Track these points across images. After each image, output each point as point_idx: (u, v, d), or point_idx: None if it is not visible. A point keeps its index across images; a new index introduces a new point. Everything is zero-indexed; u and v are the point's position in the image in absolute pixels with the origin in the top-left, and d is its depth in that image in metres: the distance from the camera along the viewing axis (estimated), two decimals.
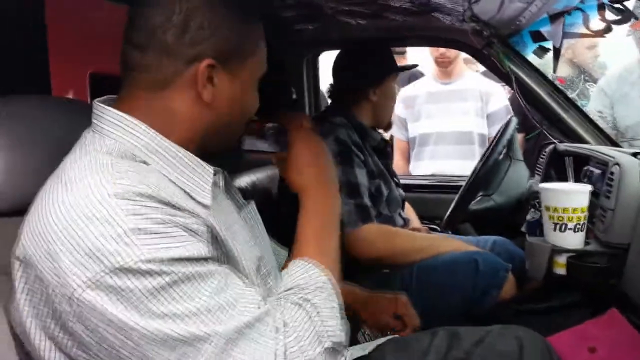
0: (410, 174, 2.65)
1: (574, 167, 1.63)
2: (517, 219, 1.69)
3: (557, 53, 1.58)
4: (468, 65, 2.73)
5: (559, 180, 1.69)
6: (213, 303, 0.63)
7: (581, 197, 1.16)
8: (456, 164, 2.50)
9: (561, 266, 1.18)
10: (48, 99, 0.89)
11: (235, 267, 0.73)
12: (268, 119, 0.93)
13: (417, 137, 2.64)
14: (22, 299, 0.64)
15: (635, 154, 1.30)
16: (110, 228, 0.60)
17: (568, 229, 1.16)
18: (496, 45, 1.68)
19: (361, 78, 1.63)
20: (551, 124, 1.79)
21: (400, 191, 1.74)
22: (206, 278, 0.64)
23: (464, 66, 2.65)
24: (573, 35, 1.54)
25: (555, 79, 2.33)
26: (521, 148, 1.96)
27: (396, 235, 1.53)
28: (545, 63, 1.87)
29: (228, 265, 0.72)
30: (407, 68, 2.07)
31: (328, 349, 0.71)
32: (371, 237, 1.45)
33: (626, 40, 2.55)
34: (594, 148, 1.53)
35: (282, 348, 0.67)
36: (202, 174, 0.74)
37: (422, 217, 1.99)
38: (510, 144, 1.75)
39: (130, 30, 0.73)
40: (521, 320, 1.12)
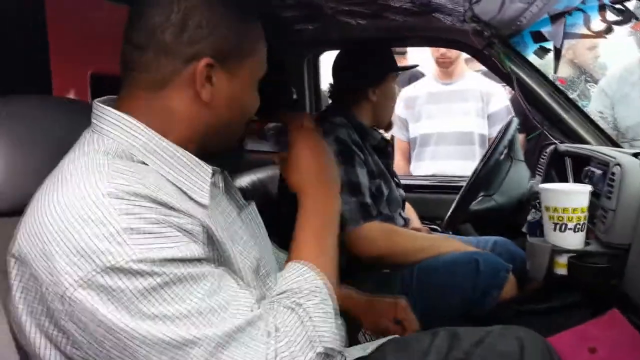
0: (411, 175, 2.65)
1: (575, 168, 1.62)
2: (518, 220, 1.68)
3: (558, 53, 1.58)
4: (469, 65, 2.73)
5: (560, 180, 1.69)
6: (204, 305, 0.63)
7: (581, 197, 1.16)
8: (457, 165, 2.50)
9: (562, 266, 1.18)
10: (48, 99, 0.89)
11: (230, 269, 0.72)
12: (268, 119, 0.93)
13: (418, 138, 2.64)
14: (17, 297, 0.65)
15: (636, 155, 1.30)
16: (103, 227, 0.60)
17: (568, 229, 1.16)
18: (497, 45, 1.68)
19: (361, 78, 1.63)
20: (552, 125, 1.79)
21: (400, 191, 1.74)
22: (199, 280, 0.64)
23: (465, 67, 2.64)
24: (574, 35, 1.54)
25: (556, 80, 2.33)
26: (522, 148, 1.96)
27: (398, 234, 1.53)
28: (546, 63, 1.86)
29: (224, 266, 0.71)
30: (407, 68, 2.08)
31: (320, 354, 0.70)
32: (373, 235, 1.44)
33: (626, 40, 2.55)
34: (595, 148, 1.53)
35: (273, 353, 0.66)
36: (201, 174, 0.74)
37: (423, 218, 1.99)
38: (511, 145, 1.75)
39: (130, 30, 0.73)
40: (522, 320, 1.12)
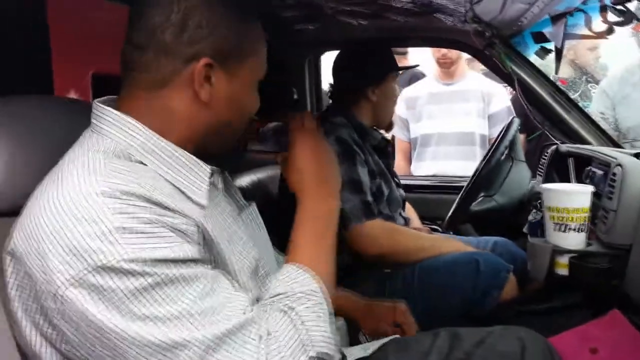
0: (411, 175, 2.65)
1: (576, 168, 1.62)
2: (519, 220, 1.69)
3: (559, 54, 1.58)
4: (472, 65, 2.73)
5: (561, 181, 1.69)
6: (196, 307, 0.62)
7: (583, 198, 1.16)
8: (458, 165, 2.50)
9: (563, 267, 1.18)
10: (48, 99, 0.89)
11: (225, 270, 0.72)
12: (268, 120, 0.93)
13: (419, 138, 2.64)
14: (13, 295, 0.65)
15: (637, 155, 1.30)
16: (95, 226, 0.60)
17: (570, 230, 1.16)
18: (498, 46, 1.68)
19: (361, 78, 1.63)
20: (553, 125, 1.79)
21: (400, 191, 1.74)
22: (191, 281, 0.63)
23: (466, 67, 2.64)
24: (575, 36, 1.54)
25: (557, 80, 2.33)
26: (523, 149, 1.96)
27: (399, 233, 1.53)
28: (547, 64, 1.87)
29: (219, 267, 0.71)
30: (407, 68, 2.08)
31: (312, 359, 0.69)
32: (375, 234, 1.45)
33: (627, 41, 2.55)
34: (596, 149, 1.52)
35: (264, 357, 0.65)
36: (199, 173, 0.74)
37: (424, 218, 1.99)
38: (512, 145, 1.75)
39: (130, 30, 0.73)
40: (522, 321, 1.12)
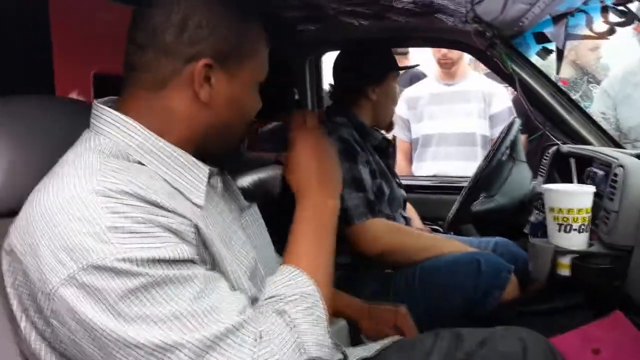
0: (412, 175, 2.65)
1: (577, 169, 1.62)
2: (520, 220, 1.69)
3: (561, 54, 1.58)
4: (474, 66, 2.72)
5: (562, 181, 1.69)
6: (189, 309, 0.62)
7: (585, 198, 1.16)
8: (459, 165, 2.50)
9: (565, 267, 1.18)
10: (48, 99, 0.88)
11: (222, 270, 0.71)
12: (269, 120, 0.92)
13: (420, 138, 2.64)
14: (12, 293, 0.65)
15: (638, 156, 1.29)
16: (89, 225, 0.60)
17: (572, 230, 1.16)
18: (499, 46, 1.68)
19: (361, 77, 1.63)
20: (554, 125, 1.79)
21: (401, 191, 1.74)
22: (185, 282, 0.63)
23: (467, 67, 2.64)
24: (576, 36, 1.54)
25: (558, 81, 2.33)
26: (524, 149, 1.96)
27: (401, 232, 1.53)
28: (548, 64, 1.86)
29: (215, 268, 0.71)
30: (407, 68, 2.08)
31: None
32: (377, 232, 1.44)
33: (629, 42, 2.55)
34: (597, 149, 1.52)
35: None
36: (197, 174, 0.74)
37: (425, 218, 1.99)
38: (513, 145, 1.75)
39: (133, 30, 0.73)
40: (524, 321, 1.12)
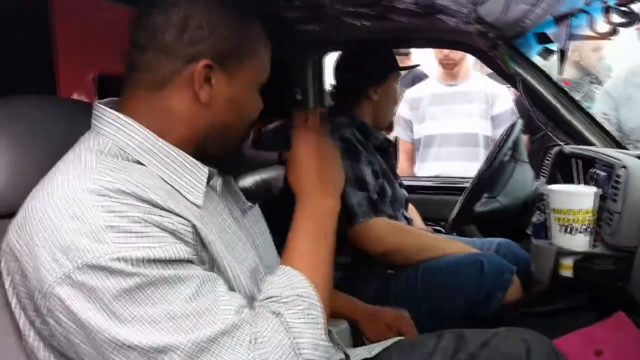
0: (414, 176, 2.64)
1: (579, 170, 1.62)
2: (523, 221, 1.68)
3: (563, 55, 1.57)
4: (479, 66, 2.72)
5: (564, 182, 1.68)
6: (183, 310, 0.61)
7: (588, 199, 1.16)
8: (461, 166, 2.50)
9: (567, 268, 1.17)
10: (49, 99, 0.88)
11: (220, 271, 0.71)
12: (269, 121, 0.92)
13: (422, 139, 2.64)
14: (11, 292, 0.66)
15: None
16: (85, 225, 0.60)
17: (575, 231, 1.16)
18: (501, 47, 1.68)
19: (363, 78, 1.64)
20: (556, 126, 1.78)
21: (403, 191, 1.74)
22: (180, 282, 0.63)
23: (470, 68, 2.64)
24: (577, 37, 1.53)
25: (560, 81, 2.32)
26: (526, 150, 1.95)
27: (404, 231, 1.54)
28: (550, 65, 1.86)
29: (214, 268, 0.70)
30: (408, 68, 2.08)
31: None
32: (380, 231, 1.45)
33: (631, 42, 2.54)
34: (600, 150, 1.52)
35: None
36: (196, 174, 0.74)
37: (427, 219, 1.99)
38: (515, 146, 1.75)
39: (134, 30, 0.74)
40: (526, 322, 1.12)
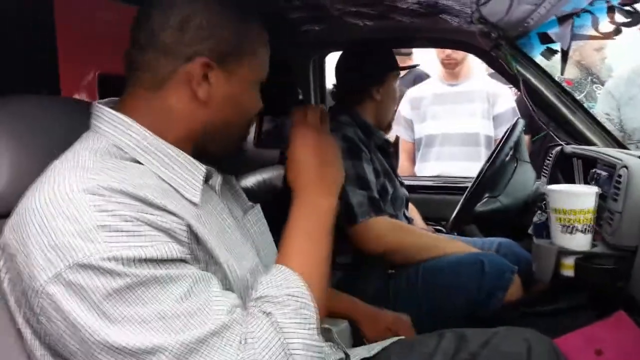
0: (415, 175, 2.64)
1: (581, 169, 1.62)
2: (524, 221, 1.68)
3: (565, 55, 1.57)
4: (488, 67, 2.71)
5: (566, 182, 1.68)
6: (174, 310, 0.61)
7: (589, 199, 1.16)
8: (462, 166, 2.49)
9: (568, 268, 1.17)
10: (49, 99, 0.88)
11: (216, 270, 0.71)
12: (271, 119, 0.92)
13: (423, 139, 2.63)
14: (8, 290, 0.66)
15: None
16: (76, 224, 0.60)
17: (576, 231, 1.16)
18: (504, 47, 1.68)
19: (365, 77, 1.64)
20: (558, 126, 1.78)
21: (404, 191, 1.74)
22: (171, 282, 0.62)
23: (472, 68, 2.64)
24: (581, 37, 1.53)
25: (562, 81, 2.32)
26: (528, 150, 1.96)
27: (405, 230, 1.54)
28: (552, 65, 1.86)
29: (211, 268, 0.70)
30: (407, 68, 2.08)
31: None
32: (381, 230, 1.45)
33: (633, 42, 2.54)
34: (601, 150, 1.52)
35: None
36: (194, 172, 0.74)
37: (428, 219, 1.99)
38: (517, 146, 1.75)
39: (135, 30, 0.74)
40: (527, 322, 1.13)
